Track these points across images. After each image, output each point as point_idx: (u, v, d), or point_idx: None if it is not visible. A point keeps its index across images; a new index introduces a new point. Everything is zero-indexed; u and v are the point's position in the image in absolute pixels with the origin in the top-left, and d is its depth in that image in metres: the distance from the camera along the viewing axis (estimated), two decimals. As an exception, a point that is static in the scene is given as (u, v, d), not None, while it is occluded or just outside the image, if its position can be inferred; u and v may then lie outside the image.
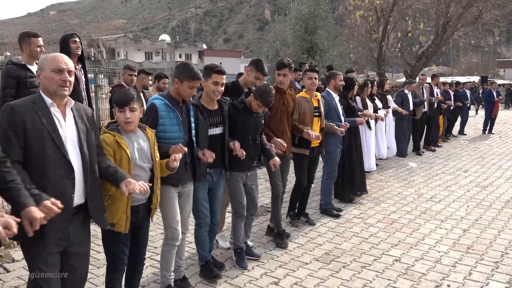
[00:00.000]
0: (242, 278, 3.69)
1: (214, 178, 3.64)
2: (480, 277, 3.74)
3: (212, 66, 3.43)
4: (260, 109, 3.78)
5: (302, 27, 21.43)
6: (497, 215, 5.44)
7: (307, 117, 4.67)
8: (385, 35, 16.07)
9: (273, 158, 3.87)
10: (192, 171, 3.31)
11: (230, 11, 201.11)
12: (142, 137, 2.88)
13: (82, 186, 2.37)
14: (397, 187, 6.81)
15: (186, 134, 3.21)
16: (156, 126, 3.07)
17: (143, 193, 2.53)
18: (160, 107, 3.09)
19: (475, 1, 14.92)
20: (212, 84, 3.37)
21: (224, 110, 3.59)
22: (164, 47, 62.81)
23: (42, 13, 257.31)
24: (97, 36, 49.44)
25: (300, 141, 4.72)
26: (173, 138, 3.09)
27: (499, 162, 8.93)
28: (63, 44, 4.61)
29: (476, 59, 48.96)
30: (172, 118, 3.12)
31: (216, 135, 3.54)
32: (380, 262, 4.06)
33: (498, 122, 17.21)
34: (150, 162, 2.88)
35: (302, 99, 4.75)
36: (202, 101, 3.49)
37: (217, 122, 3.53)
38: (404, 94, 9.11)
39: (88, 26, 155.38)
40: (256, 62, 4.11)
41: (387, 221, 5.21)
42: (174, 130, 3.12)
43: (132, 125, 2.76)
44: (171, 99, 3.15)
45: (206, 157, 3.21)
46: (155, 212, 3.03)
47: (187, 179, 3.27)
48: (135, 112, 2.74)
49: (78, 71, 4.67)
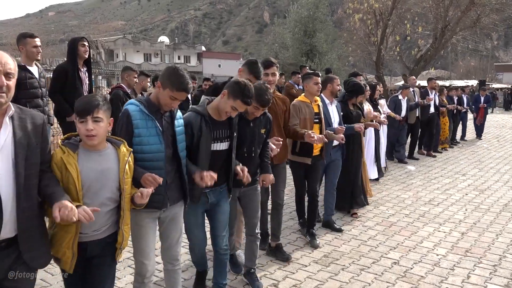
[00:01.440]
0: (241, 280, 3.69)
1: (210, 199, 3.09)
2: (478, 280, 3.75)
3: (244, 90, 2.82)
4: (258, 112, 3.25)
5: (301, 30, 21.52)
6: (495, 219, 5.45)
7: (307, 123, 4.32)
8: (384, 38, 16.09)
9: (266, 174, 3.45)
10: (178, 192, 2.80)
11: (229, 14, 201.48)
12: (110, 156, 2.30)
13: (14, 215, 1.90)
14: (395, 190, 6.83)
15: (169, 147, 2.66)
16: (131, 138, 2.54)
17: (87, 222, 2.01)
18: (134, 114, 2.55)
19: (474, 6, 14.97)
20: (230, 107, 2.86)
21: (233, 122, 3.03)
22: (163, 49, 62.80)
23: (41, 14, 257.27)
24: (95, 38, 49.49)
25: (301, 149, 4.38)
26: (151, 152, 2.58)
27: (497, 165, 8.96)
28: (71, 46, 4.63)
29: (474, 63, 49.16)
30: (150, 128, 2.58)
31: (221, 151, 3.02)
32: (379, 264, 4.07)
33: (496, 126, 17.28)
34: (115, 191, 2.30)
35: (302, 104, 4.40)
36: (209, 109, 2.97)
37: (223, 136, 3.01)
38: (397, 100, 8.80)
39: (87, 27, 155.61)
40: (251, 64, 3.64)
41: (386, 224, 5.22)
42: (152, 142, 2.58)
43: (96, 139, 2.20)
44: (150, 104, 2.61)
45: (205, 182, 2.69)
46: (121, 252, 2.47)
47: (168, 202, 2.72)
48: (100, 123, 2.19)
49: (82, 73, 4.70)
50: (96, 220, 2.12)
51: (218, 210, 3.18)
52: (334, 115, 4.86)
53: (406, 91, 8.95)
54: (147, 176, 2.42)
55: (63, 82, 4.60)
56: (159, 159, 2.60)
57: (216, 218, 3.20)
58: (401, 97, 8.83)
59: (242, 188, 3.35)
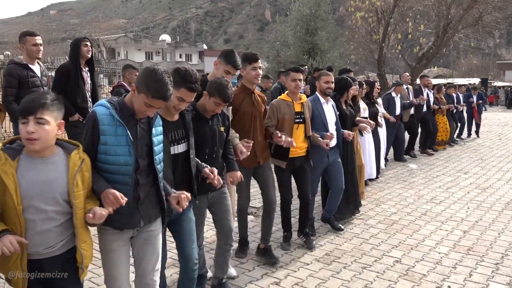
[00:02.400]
0: (243, 279, 3.69)
1: (173, 210, 2.60)
2: (480, 279, 3.75)
3: (185, 76, 2.50)
4: (219, 108, 2.99)
5: (303, 28, 21.49)
6: (497, 217, 5.44)
7: (286, 124, 3.99)
8: (386, 36, 16.08)
9: (233, 171, 3.16)
10: (154, 208, 2.43)
11: (231, 12, 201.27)
12: (58, 164, 2.00)
13: None
14: (397, 189, 6.82)
15: (144, 158, 2.30)
16: (96, 145, 2.20)
17: (10, 254, 1.80)
18: (102, 118, 2.18)
19: (476, 3, 14.94)
20: (176, 99, 2.52)
21: (186, 121, 2.73)
22: (165, 47, 62.85)
23: (42, 12, 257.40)
24: (97, 36, 49.41)
25: (276, 151, 4.05)
26: (117, 163, 2.20)
27: (499, 164, 8.94)
28: (74, 47, 4.64)
29: (477, 61, 49.00)
30: (119, 136, 2.20)
31: (179, 154, 2.69)
32: (380, 263, 4.07)
33: (498, 124, 17.23)
34: (63, 204, 1.99)
35: (282, 103, 4.09)
36: (159, 110, 2.55)
37: (178, 137, 2.70)
38: (391, 98, 8.30)
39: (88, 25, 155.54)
40: (227, 54, 3.41)
41: (388, 222, 5.21)
42: (120, 152, 2.20)
43: (38, 144, 1.89)
44: (123, 108, 2.24)
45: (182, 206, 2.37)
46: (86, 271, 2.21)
47: (141, 220, 2.36)
48: (44, 126, 1.88)
49: (84, 73, 4.71)
50: (46, 238, 1.94)
51: (185, 219, 2.78)
52: (330, 115, 4.54)
53: (399, 88, 8.51)
54: (107, 194, 2.07)
55: (65, 81, 4.61)
56: (125, 173, 2.23)
57: (183, 229, 2.78)
58: (394, 94, 8.38)
59: (210, 193, 3.06)
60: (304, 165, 4.26)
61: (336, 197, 4.77)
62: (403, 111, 8.64)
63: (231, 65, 3.38)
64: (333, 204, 4.82)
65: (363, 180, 5.79)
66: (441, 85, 10.83)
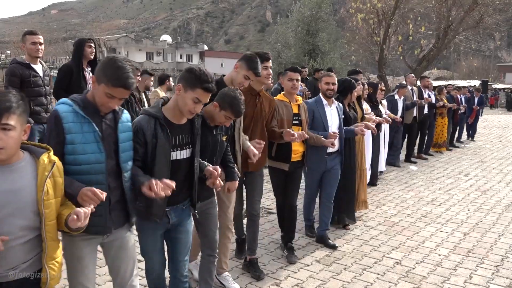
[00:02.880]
0: (243, 279, 3.70)
1: (171, 219, 2.55)
2: (480, 281, 3.76)
3: (201, 76, 2.34)
4: (228, 122, 2.87)
5: (304, 29, 21.53)
6: (497, 219, 5.45)
7: (285, 125, 3.85)
8: (386, 38, 16.07)
9: (232, 181, 3.04)
10: (124, 212, 2.30)
11: (232, 13, 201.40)
12: (24, 171, 1.79)
13: None
14: (397, 190, 6.83)
15: (112, 158, 2.16)
16: (62, 146, 2.04)
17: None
18: (66, 116, 2.05)
19: (477, 6, 14.94)
20: (191, 100, 2.36)
21: (195, 126, 2.54)
22: (165, 47, 62.85)
23: (43, 12, 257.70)
24: (98, 36, 49.51)
25: (277, 153, 3.94)
26: (88, 162, 2.08)
27: (500, 166, 8.94)
28: (78, 47, 4.66)
29: (477, 63, 49.04)
30: (87, 133, 2.08)
31: (181, 160, 2.51)
32: (380, 264, 4.07)
33: (499, 127, 17.25)
34: (33, 217, 1.79)
35: (280, 103, 3.96)
36: (165, 111, 2.45)
37: (184, 142, 2.50)
38: (393, 100, 8.21)
39: (89, 25, 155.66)
40: (249, 58, 3.23)
41: (388, 224, 5.22)
42: (89, 150, 2.08)
43: (3, 153, 1.69)
44: (86, 104, 2.12)
45: (155, 192, 2.11)
46: None
47: (112, 226, 2.23)
48: (10, 133, 1.68)
49: (87, 73, 4.73)
50: (6, 256, 1.70)
51: (181, 230, 2.65)
52: (333, 118, 4.37)
53: (402, 91, 8.43)
54: (85, 192, 1.92)
55: (68, 81, 4.62)
56: (99, 171, 2.10)
57: (178, 240, 2.66)
58: (397, 96, 8.30)
59: (199, 203, 2.84)
60: (298, 170, 4.12)
61: (327, 208, 4.55)
62: (406, 112, 8.53)
63: (252, 71, 3.19)
64: (325, 216, 4.57)
65: (365, 186, 5.45)
66: (442, 87, 10.69)
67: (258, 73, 3.24)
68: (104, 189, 2.01)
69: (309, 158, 4.22)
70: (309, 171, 4.46)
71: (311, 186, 4.58)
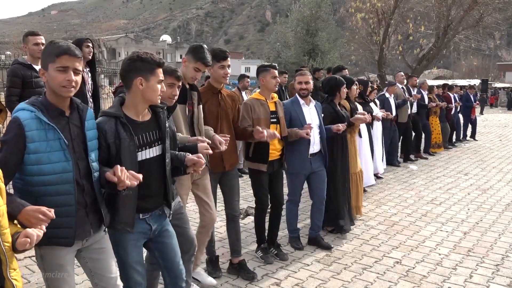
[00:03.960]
0: (243, 279, 3.70)
1: (153, 226, 2.38)
2: (480, 280, 3.76)
3: (151, 58, 2.21)
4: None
5: (304, 29, 21.53)
6: (497, 218, 5.45)
7: (262, 124, 3.64)
8: (386, 37, 16.08)
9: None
10: (100, 215, 2.17)
11: (231, 12, 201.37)
12: None
13: None
14: (397, 190, 6.83)
15: (83, 159, 2.05)
16: (22, 156, 1.90)
17: None
18: (28, 123, 1.90)
19: (476, 5, 14.95)
20: (157, 85, 2.23)
21: (161, 120, 2.37)
22: (165, 47, 62.92)
23: (43, 12, 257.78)
24: (98, 36, 49.55)
25: (255, 154, 3.80)
26: (54, 172, 1.94)
27: (500, 165, 8.95)
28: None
29: (477, 62, 49.01)
30: (52, 140, 1.93)
31: (152, 159, 2.32)
32: (381, 264, 4.08)
33: (499, 126, 17.24)
34: None
35: (256, 102, 3.81)
36: (125, 109, 2.26)
37: (151, 140, 2.32)
38: (385, 99, 8.05)
39: (89, 26, 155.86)
40: (194, 49, 3.09)
41: (388, 223, 5.22)
42: (55, 159, 1.93)
43: None
44: (49, 107, 1.97)
45: (118, 175, 1.96)
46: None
47: (89, 230, 2.12)
48: None
49: (85, 74, 4.73)
50: None
51: (166, 235, 2.49)
52: (312, 118, 4.22)
53: (391, 88, 8.28)
54: (31, 213, 1.74)
55: None
56: (66, 181, 1.97)
57: (167, 245, 2.49)
58: (387, 95, 8.16)
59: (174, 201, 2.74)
60: (279, 168, 4.03)
61: (319, 210, 4.44)
62: (399, 110, 8.43)
63: (200, 62, 3.07)
64: (316, 219, 4.47)
65: (361, 190, 5.33)
66: (433, 86, 10.49)
67: (207, 62, 3.10)
68: (71, 199, 1.97)
69: (291, 163, 4.14)
70: (292, 176, 4.30)
71: (295, 192, 4.36)
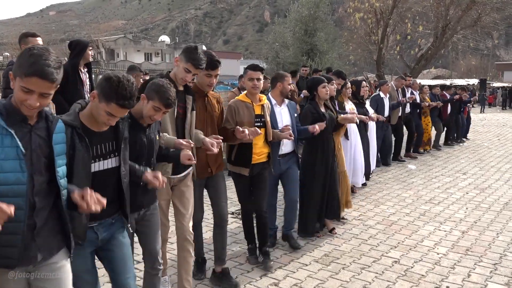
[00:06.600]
0: (242, 279, 3.70)
1: (100, 235, 2.28)
2: (479, 279, 3.76)
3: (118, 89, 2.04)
4: (158, 115, 2.55)
5: (302, 29, 21.49)
6: (495, 217, 5.46)
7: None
8: (385, 37, 16.11)
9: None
10: (56, 236, 1.96)
11: (230, 13, 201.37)
12: None
13: None
14: (396, 189, 6.83)
15: (42, 174, 1.84)
16: None
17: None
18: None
19: (474, 4, 14.99)
20: (104, 112, 2.08)
21: (120, 131, 2.25)
22: (164, 48, 62.83)
23: (41, 13, 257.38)
24: (96, 37, 49.47)
25: (237, 157, 3.73)
26: (6, 183, 1.74)
27: (498, 164, 8.96)
28: (81, 50, 4.71)
29: (475, 62, 49.13)
30: (7, 148, 1.74)
31: (107, 171, 2.23)
32: (379, 263, 4.08)
33: (497, 125, 17.27)
34: None
35: (240, 104, 3.69)
36: (83, 118, 2.15)
37: (107, 151, 2.22)
38: (379, 99, 7.98)
39: (87, 26, 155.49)
40: (187, 50, 2.96)
41: (386, 223, 5.23)
42: (7, 168, 1.74)
43: None
44: (11, 112, 1.79)
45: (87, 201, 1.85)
46: None
47: (35, 256, 1.88)
48: None
49: (83, 74, 4.75)
50: None
51: (115, 244, 2.35)
52: (283, 118, 4.13)
53: (385, 87, 8.15)
54: None
55: (64, 82, 4.63)
56: (18, 194, 1.76)
57: (114, 256, 2.35)
58: (382, 95, 8.06)
59: (141, 211, 2.65)
60: (263, 171, 3.87)
61: (291, 210, 4.38)
62: (391, 112, 8.36)
63: (191, 63, 2.91)
64: (289, 218, 4.42)
65: (347, 187, 5.29)
66: (424, 85, 10.44)
67: (198, 65, 2.94)
68: (22, 216, 1.75)
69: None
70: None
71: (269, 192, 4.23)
